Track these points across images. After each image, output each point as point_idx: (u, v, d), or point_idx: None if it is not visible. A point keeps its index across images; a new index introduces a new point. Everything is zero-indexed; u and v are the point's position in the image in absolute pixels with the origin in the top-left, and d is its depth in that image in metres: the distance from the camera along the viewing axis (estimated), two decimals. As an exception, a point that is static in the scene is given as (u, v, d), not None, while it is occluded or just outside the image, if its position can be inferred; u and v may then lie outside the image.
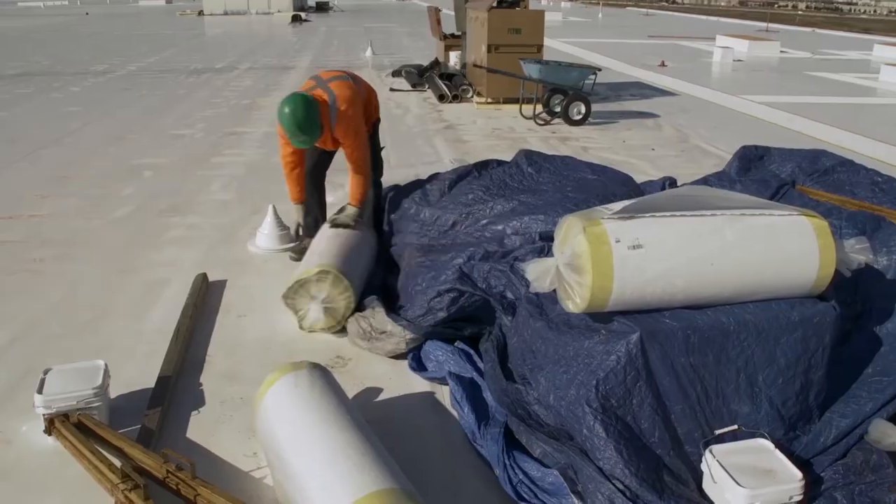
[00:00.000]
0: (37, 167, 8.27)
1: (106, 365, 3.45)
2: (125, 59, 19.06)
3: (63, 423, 3.23)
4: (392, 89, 13.83)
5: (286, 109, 4.52)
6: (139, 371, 3.85)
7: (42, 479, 3.10)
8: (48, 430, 3.25)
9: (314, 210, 5.35)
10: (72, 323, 4.45)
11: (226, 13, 40.46)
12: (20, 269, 5.30)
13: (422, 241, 4.64)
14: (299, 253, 5.10)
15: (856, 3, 61.01)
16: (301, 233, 5.15)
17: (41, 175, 7.89)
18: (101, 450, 3.04)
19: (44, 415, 3.25)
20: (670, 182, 5.66)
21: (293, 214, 5.11)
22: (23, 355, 4.08)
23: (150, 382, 3.68)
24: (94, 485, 2.97)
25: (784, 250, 3.07)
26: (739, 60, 19.30)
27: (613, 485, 2.71)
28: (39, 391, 3.26)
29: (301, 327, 4.27)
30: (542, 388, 3.13)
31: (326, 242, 4.64)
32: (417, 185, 5.29)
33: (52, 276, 5.18)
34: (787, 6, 59.15)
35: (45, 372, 3.41)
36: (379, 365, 3.96)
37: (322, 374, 3.15)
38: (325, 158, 5.35)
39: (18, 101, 12.79)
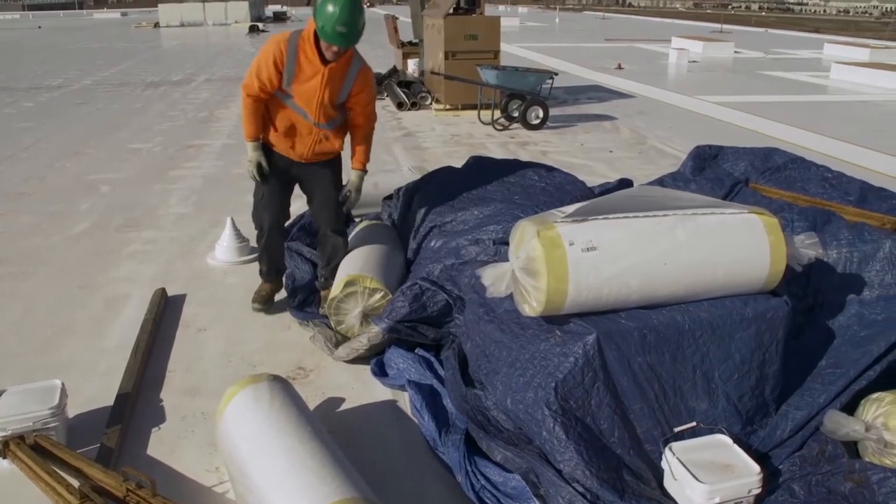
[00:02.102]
0: (-11, 185, 8.13)
1: (63, 384, 3.41)
2: (80, 73, 18.81)
3: (18, 445, 3.17)
4: (351, 98, 13.78)
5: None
6: (99, 388, 3.80)
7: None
8: (3, 454, 3.20)
9: (279, 261, 4.76)
10: (30, 341, 4.39)
11: (182, 25, 40.14)
12: (-26, 289, 5.21)
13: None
14: (263, 303, 4.67)
15: (806, 3, 62.17)
16: (263, 172, 4.37)
17: (-6, 192, 7.75)
18: (58, 471, 2.99)
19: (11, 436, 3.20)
20: (626, 184, 5.72)
21: (251, 153, 4.33)
22: (-23, 377, 4.01)
23: (110, 400, 3.63)
24: (50, 505, 2.94)
25: (736, 248, 3.13)
26: (695, 62, 19.61)
27: (574, 488, 2.73)
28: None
29: (338, 331, 4.26)
30: (499, 393, 3.15)
31: (367, 251, 4.59)
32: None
33: (10, 294, 5.09)
34: (740, 7, 60.05)
35: (0, 393, 3.35)
36: (340, 375, 3.96)
37: (282, 387, 3.14)
38: (286, 197, 4.63)
39: (-31, 118, 12.55)
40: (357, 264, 4.36)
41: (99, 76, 18.18)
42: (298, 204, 6.14)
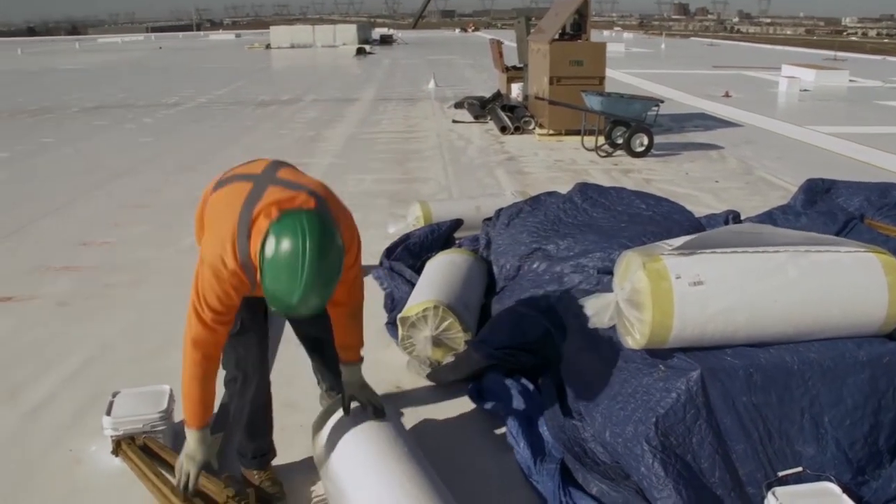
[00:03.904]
0: (111, 196, 8.57)
1: (171, 389, 3.55)
2: (196, 92, 19.65)
3: (129, 445, 3.33)
4: (454, 121, 13.96)
5: (309, 246, 2.33)
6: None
7: (108, 498, 3.19)
8: (115, 452, 3.35)
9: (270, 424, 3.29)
10: (141, 348, 4.58)
11: (292, 46, 41.45)
12: (92, 295, 5.49)
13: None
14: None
15: (929, 31, 59.46)
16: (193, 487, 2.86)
17: (115, 203, 8.18)
18: (164, 473, 3.11)
19: (111, 436, 3.36)
20: (734, 215, 5.59)
21: (195, 446, 2.82)
22: (94, 378, 4.21)
23: (214, 408, 3.75)
24: None
25: (851, 288, 3.01)
26: (806, 90, 19.00)
27: (671, 525, 2.68)
28: (108, 413, 3.37)
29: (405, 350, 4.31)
30: (598, 425, 3.11)
31: (448, 279, 4.57)
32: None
33: (124, 302, 5.35)
34: (856, 33, 57.93)
35: (114, 395, 3.52)
36: (437, 397, 3.97)
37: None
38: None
39: (95, 132, 13.30)
40: (434, 290, 4.39)
41: (213, 94, 18.93)
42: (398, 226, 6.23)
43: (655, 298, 2.86)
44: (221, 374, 2.96)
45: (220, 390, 2.96)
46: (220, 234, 2.58)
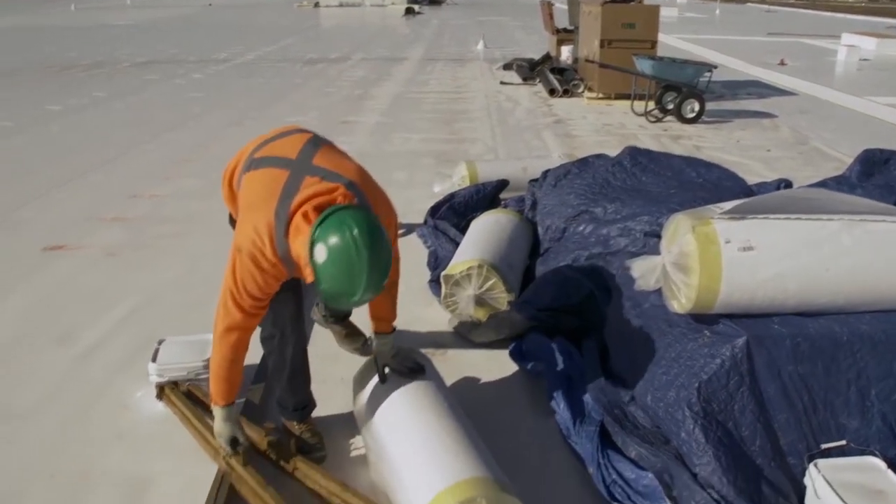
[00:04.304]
0: (161, 149, 8.69)
1: (216, 339, 3.61)
2: (244, 48, 19.71)
3: (173, 390, 3.40)
4: (503, 82, 13.84)
5: (360, 244, 2.33)
6: (250, 345, 3.99)
7: (153, 442, 3.27)
8: (159, 396, 3.43)
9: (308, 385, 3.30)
10: (188, 297, 4.66)
11: (341, 5, 41.21)
12: (142, 245, 5.59)
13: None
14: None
15: None
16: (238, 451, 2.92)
17: (164, 157, 8.29)
18: (206, 418, 3.17)
19: (156, 382, 3.43)
20: (785, 184, 5.46)
21: (221, 424, 2.90)
22: (141, 326, 4.30)
23: (257, 358, 3.80)
24: (200, 450, 3.14)
25: (906, 259, 2.93)
26: (866, 59, 18.41)
27: (708, 494, 2.65)
28: (153, 360, 3.45)
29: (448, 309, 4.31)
30: (639, 388, 3.09)
31: (493, 238, 4.56)
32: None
33: (173, 252, 5.44)
34: (922, 2, 55.95)
35: (160, 342, 3.59)
36: (478, 356, 3.99)
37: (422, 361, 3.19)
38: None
39: (146, 86, 13.44)
40: (479, 248, 4.38)
41: (262, 51, 18.98)
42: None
43: (703, 262, 2.81)
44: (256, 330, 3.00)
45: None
46: (256, 226, 2.59)
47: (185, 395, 3.41)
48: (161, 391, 3.45)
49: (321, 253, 2.36)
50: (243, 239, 2.62)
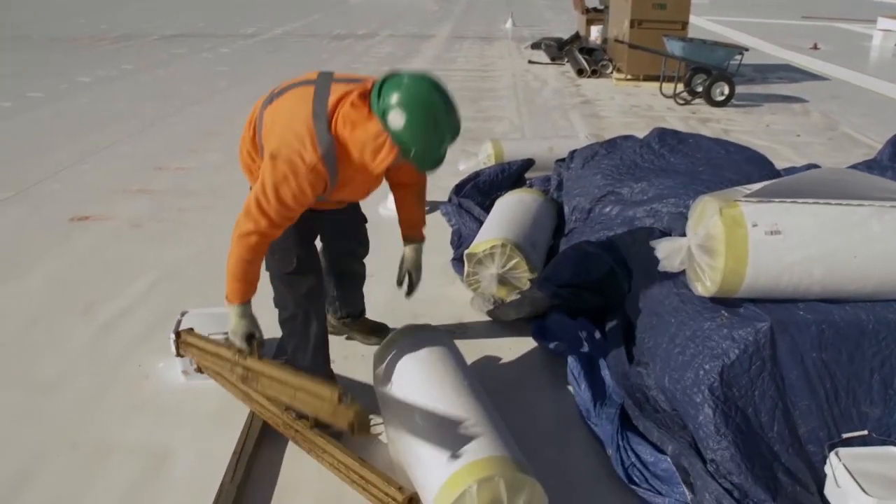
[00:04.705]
0: (186, 123, 8.73)
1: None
2: (272, 23, 19.71)
3: (188, 334, 3.41)
4: (531, 62, 13.74)
5: (430, 89, 2.48)
6: (269, 320, 3.99)
7: (174, 413, 3.31)
8: (178, 351, 3.44)
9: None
10: (211, 270, 4.67)
11: (371, -21, 41.01)
12: (166, 218, 5.63)
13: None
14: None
15: None
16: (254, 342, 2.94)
17: (190, 130, 8.33)
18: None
19: (172, 338, 3.44)
20: (815, 168, 5.39)
21: (237, 321, 2.87)
22: (163, 297, 4.34)
23: (279, 332, 3.82)
24: (222, 421, 3.19)
25: (937, 248, 2.88)
26: (902, 45, 18.08)
27: (721, 484, 2.61)
28: (175, 331, 3.46)
29: (470, 287, 4.30)
30: (658, 370, 3.04)
31: (517, 217, 4.54)
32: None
33: (196, 225, 5.47)
34: (960, -11, 54.71)
35: (182, 314, 3.61)
36: (499, 335, 3.98)
37: (443, 338, 3.19)
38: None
39: (173, 60, 13.50)
40: (503, 228, 4.35)
41: (289, 27, 18.97)
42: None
43: (729, 245, 2.77)
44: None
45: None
46: (294, 130, 2.59)
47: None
48: (177, 338, 3.43)
49: (397, 118, 2.42)
50: (279, 144, 2.61)
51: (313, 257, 3.13)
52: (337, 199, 2.96)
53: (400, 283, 3.33)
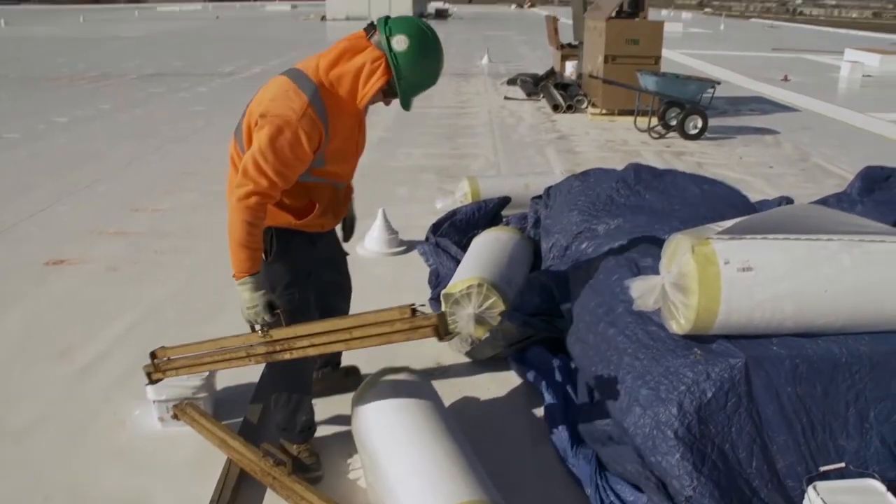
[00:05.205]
0: (163, 162, 8.74)
1: (215, 357, 3.60)
2: (250, 62, 19.80)
3: (188, 405, 3.39)
4: (507, 97, 13.87)
5: (432, 36, 2.80)
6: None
7: (150, 461, 3.27)
8: (175, 416, 3.41)
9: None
10: (187, 313, 4.67)
11: (348, 18, 41.36)
12: (143, 260, 5.61)
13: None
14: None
15: None
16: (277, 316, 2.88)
17: (167, 170, 8.33)
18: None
19: (153, 400, 3.41)
20: (787, 202, 5.45)
21: (250, 295, 2.82)
22: (140, 341, 4.29)
23: (257, 376, 3.81)
24: (199, 468, 3.16)
25: (905, 280, 2.92)
26: (869, 76, 18.42)
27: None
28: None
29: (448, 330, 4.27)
30: (623, 404, 2.99)
31: (494, 256, 4.50)
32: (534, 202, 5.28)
33: (173, 267, 5.45)
34: (927, 19, 55.92)
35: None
36: (477, 373, 3.98)
37: (420, 380, 3.19)
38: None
39: (151, 99, 13.52)
40: (479, 267, 4.36)
41: (267, 65, 19.04)
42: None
43: (703, 283, 2.80)
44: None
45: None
46: (276, 94, 2.78)
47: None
48: (177, 411, 3.41)
49: (402, 41, 2.71)
50: (268, 107, 2.76)
51: (310, 295, 3.16)
52: (332, 169, 3.01)
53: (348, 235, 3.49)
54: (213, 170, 8.16)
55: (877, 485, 2.70)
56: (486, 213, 5.65)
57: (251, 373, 3.85)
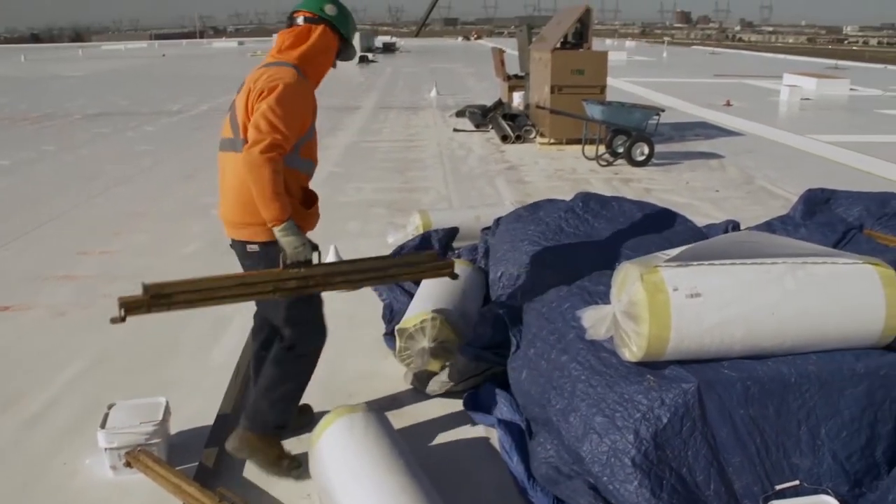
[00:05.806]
0: (110, 204, 8.59)
1: (167, 402, 3.54)
2: (198, 100, 19.69)
3: (141, 453, 3.32)
4: (456, 129, 13.97)
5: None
6: (202, 407, 3.92)
7: (104, 512, 3.18)
8: (128, 464, 3.34)
9: None
10: (139, 358, 4.58)
11: (295, 54, 41.46)
12: (90, 305, 5.48)
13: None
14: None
15: (931, 40, 59.36)
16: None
17: (114, 211, 8.19)
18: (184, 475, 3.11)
19: (105, 448, 3.33)
20: (733, 225, 5.57)
21: (295, 238, 3.14)
22: (91, 389, 4.21)
23: (211, 419, 3.75)
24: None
25: (848, 300, 3.01)
26: (807, 99, 19.01)
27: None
28: (102, 426, 3.36)
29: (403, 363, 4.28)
30: (576, 431, 2.99)
31: (447, 291, 4.51)
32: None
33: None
34: (857, 42, 57.93)
35: (109, 407, 3.51)
36: (434, 408, 3.96)
37: (377, 418, 3.17)
38: None
39: (97, 139, 13.35)
40: (432, 301, 4.36)
41: (215, 102, 18.96)
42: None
43: (653, 311, 2.85)
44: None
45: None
46: (270, 74, 3.18)
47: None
48: (129, 458, 3.33)
49: (331, 7, 3.35)
50: (272, 76, 3.16)
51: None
52: (311, 147, 3.50)
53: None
54: (161, 210, 8.07)
55: (830, 500, 2.76)
56: (435, 245, 5.67)
57: (206, 415, 3.80)
